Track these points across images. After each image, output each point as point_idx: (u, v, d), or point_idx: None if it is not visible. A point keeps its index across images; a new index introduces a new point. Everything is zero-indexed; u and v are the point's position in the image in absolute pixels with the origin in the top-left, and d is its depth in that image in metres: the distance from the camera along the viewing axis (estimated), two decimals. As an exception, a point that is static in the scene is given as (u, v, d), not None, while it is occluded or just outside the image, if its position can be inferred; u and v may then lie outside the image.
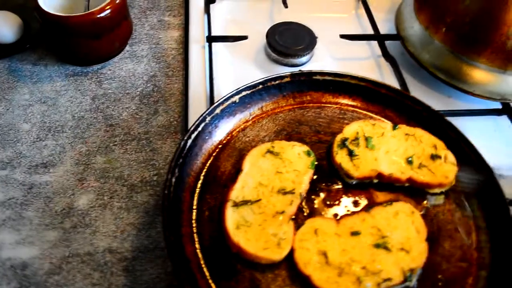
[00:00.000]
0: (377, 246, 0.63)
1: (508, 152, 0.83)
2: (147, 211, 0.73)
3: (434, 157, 0.71)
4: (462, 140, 0.73)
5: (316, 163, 0.71)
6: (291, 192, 0.67)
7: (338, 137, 0.74)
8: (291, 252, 0.62)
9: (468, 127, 0.75)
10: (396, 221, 0.66)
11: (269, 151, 0.71)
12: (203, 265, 0.62)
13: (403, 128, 0.75)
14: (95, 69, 0.91)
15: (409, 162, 0.71)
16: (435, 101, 0.80)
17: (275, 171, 0.69)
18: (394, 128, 0.75)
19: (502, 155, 0.81)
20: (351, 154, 0.71)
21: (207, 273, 0.61)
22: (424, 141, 0.73)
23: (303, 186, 0.68)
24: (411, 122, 0.78)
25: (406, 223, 0.66)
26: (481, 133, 0.77)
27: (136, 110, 0.85)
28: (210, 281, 0.60)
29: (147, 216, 0.73)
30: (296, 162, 0.70)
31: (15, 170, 0.76)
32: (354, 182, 0.70)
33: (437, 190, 0.70)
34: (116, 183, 0.76)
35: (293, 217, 0.66)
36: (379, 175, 0.70)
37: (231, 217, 0.64)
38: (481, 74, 0.83)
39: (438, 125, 0.76)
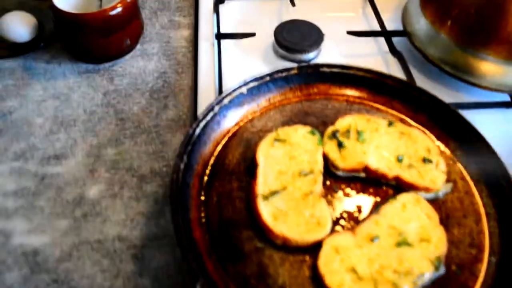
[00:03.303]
0: (399, 245, 0.62)
1: (517, 144, 0.82)
2: (157, 201, 0.74)
3: (425, 160, 0.70)
4: (469, 129, 0.74)
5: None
6: (311, 172, 0.68)
7: (330, 129, 0.74)
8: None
9: (476, 120, 0.75)
10: (406, 214, 0.65)
11: (276, 140, 0.72)
12: (211, 249, 0.62)
13: (399, 127, 0.74)
14: (106, 66, 0.93)
15: (399, 160, 0.70)
16: (443, 95, 0.80)
17: (289, 157, 0.70)
18: (389, 125, 0.74)
19: (511, 147, 0.81)
20: (340, 145, 0.71)
21: (214, 257, 0.62)
22: (418, 142, 0.72)
23: (319, 164, 0.69)
24: (418, 112, 0.79)
25: (415, 212, 0.65)
26: (490, 126, 0.77)
27: (147, 105, 0.87)
28: (217, 264, 0.61)
29: (156, 205, 0.73)
30: (304, 143, 0.71)
31: (28, 162, 0.78)
32: (340, 174, 0.70)
33: (422, 193, 0.68)
34: (126, 173, 0.77)
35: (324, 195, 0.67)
36: (366, 169, 0.69)
37: (265, 210, 0.64)
38: (488, 66, 0.83)
39: (445, 115, 0.76)
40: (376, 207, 0.67)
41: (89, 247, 0.69)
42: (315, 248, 0.62)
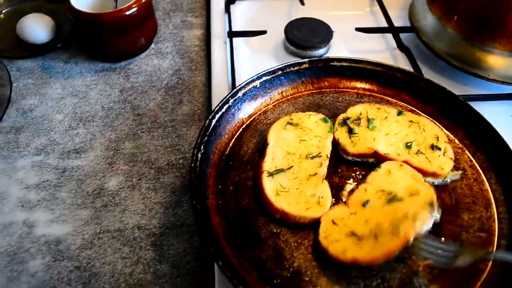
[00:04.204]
0: (390, 201, 0.64)
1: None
2: (174, 191, 0.76)
3: (433, 147, 0.72)
4: (477, 119, 0.75)
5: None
6: (318, 156, 0.71)
7: (341, 116, 0.77)
8: (317, 224, 0.64)
9: (484, 112, 0.77)
10: (392, 177, 0.68)
11: (289, 123, 0.74)
12: (228, 234, 0.65)
13: (408, 115, 0.77)
14: (123, 65, 0.96)
15: (408, 146, 0.72)
16: (451, 88, 0.81)
17: (299, 140, 0.73)
18: (398, 114, 0.76)
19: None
20: (350, 131, 0.74)
21: (232, 241, 0.64)
22: (427, 130, 0.74)
23: (327, 149, 0.72)
24: (426, 104, 0.81)
25: (400, 175, 0.68)
26: (497, 117, 0.79)
27: (162, 101, 0.90)
28: (235, 248, 0.63)
29: (174, 196, 0.76)
30: (316, 129, 0.74)
31: (49, 156, 0.81)
32: (349, 158, 0.73)
33: (430, 179, 0.70)
34: (144, 166, 0.80)
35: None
36: (375, 154, 0.72)
37: (269, 186, 0.67)
38: (494, 59, 0.85)
39: (453, 105, 0.78)
40: (362, 178, 0.71)
41: (110, 235, 0.71)
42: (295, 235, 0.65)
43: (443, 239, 0.62)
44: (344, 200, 0.68)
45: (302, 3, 1.02)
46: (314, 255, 0.63)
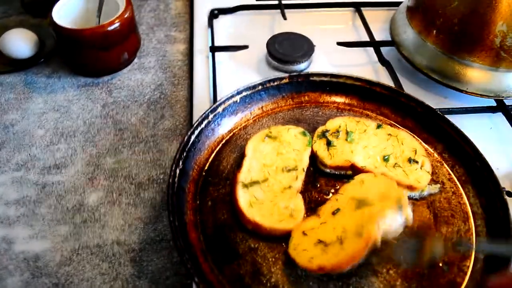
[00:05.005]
0: (359, 206, 0.65)
1: (503, 148, 0.85)
2: (154, 206, 0.76)
3: (411, 160, 0.73)
4: (456, 133, 0.76)
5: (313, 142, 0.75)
6: (295, 169, 0.71)
7: (320, 129, 0.77)
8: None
9: (463, 124, 0.78)
10: (365, 187, 0.68)
11: (267, 136, 0.75)
12: (206, 250, 0.65)
13: (387, 129, 0.77)
14: (105, 80, 0.96)
15: (385, 159, 0.73)
16: (431, 102, 0.82)
17: (276, 153, 0.73)
18: (378, 127, 0.77)
19: (498, 150, 0.83)
20: (329, 144, 0.74)
21: (210, 257, 0.64)
22: (405, 144, 0.75)
23: (304, 162, 0.72)
24: (406, 118, 0.81)
25: (374, 185, 0.68)
26: (477, 130, 0.81)
27: (144, 116, 0.90)
28: (212, 264, 0.63)
29: (154, 211, 0.76)
30: (294, 142, 0.75)
31: (29, 171, 0.80)
32: (328, 171, 0.73)
33: (407, 192, 0.70)
34: (124, 181, 0.79)
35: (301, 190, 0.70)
36: (352, 167, 0.72)
37: (243, 197, 0.67)
38: (473, 73, 0.86)
39: (431, 119, 0.79)
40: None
41: (89, 251, 0.71)
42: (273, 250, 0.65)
43: None
44: (319, 213, 0.68)
45: (284, 18, 1.03)
46: (291, 270, 0.63)
